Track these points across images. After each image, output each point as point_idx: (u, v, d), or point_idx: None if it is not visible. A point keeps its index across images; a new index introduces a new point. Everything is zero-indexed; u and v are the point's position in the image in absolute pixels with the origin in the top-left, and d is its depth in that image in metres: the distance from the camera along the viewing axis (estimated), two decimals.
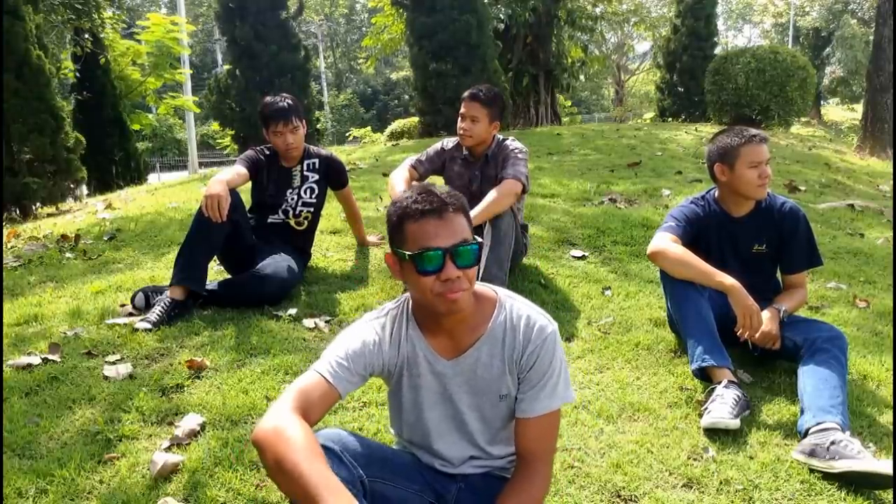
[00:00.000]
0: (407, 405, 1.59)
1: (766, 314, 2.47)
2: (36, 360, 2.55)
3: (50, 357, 2.57)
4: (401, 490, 1.51)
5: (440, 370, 1.54)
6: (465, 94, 3.30)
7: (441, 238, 1.41)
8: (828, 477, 1.98)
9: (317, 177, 3.48)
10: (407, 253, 1.42)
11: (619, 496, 1.91)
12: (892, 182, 7.31)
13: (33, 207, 7.55)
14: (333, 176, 3.55)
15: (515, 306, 1.54)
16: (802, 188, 6.10)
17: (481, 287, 1.57)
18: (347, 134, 22.62)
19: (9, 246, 4.40)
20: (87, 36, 10.90)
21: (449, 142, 3.46)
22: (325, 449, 1.33)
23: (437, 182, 3.60)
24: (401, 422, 1.64)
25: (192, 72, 18.15)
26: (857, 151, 10.86)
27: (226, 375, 2.46)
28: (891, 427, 2.29)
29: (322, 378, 1.43)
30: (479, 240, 1.46)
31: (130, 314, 3.00)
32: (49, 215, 7.06)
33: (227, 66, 12.55)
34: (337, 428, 1.54)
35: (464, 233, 1.43)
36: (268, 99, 3.38)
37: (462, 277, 1.41)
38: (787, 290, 2.69)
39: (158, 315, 2.86)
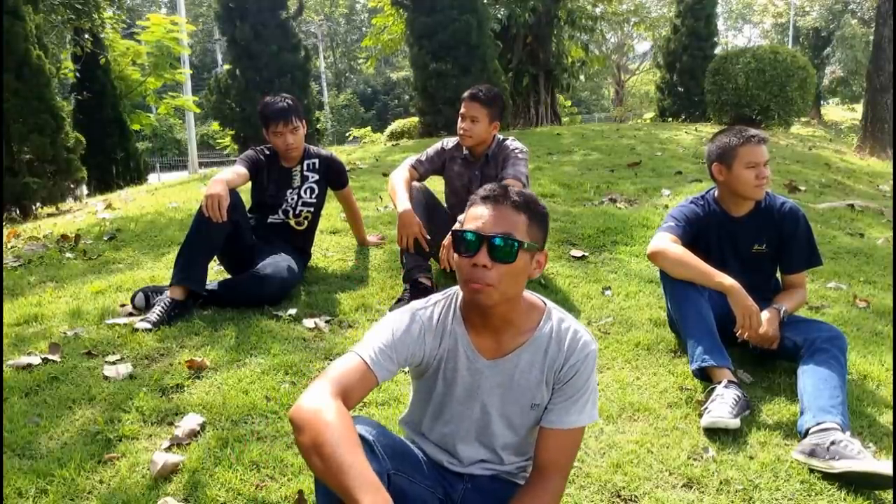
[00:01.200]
0: (437, 397, 1.58)
1: (765, 314, 2.47)
2: (36, 360, 2.55)
3: (50, 357, 2.57)
4: (416, 485, 1.50)
5: (478, 368, 1.54)
6: (465, 94, 3.30)
7: (485, 224, 1.41)
8: (828, 477, 1.98)
9: (317, 177, 3.48)
10: (454, 228, 1.45)
11: (619, 496, 1.91)
12: (892, 182, 7.30)
13: (33, 207, 7.55)
14: (333, 176, 3.55)
15: (563, 319, 1.56)
16: (802, 188, 6.10)
17: (531, 296, 1.58)
18: (347, 134, 22.62)
19: (9, 246, 4.40)
20: (87, 36, 10.90)
21: (449, 142, 3.46)
22: (361, 438, 1.32)
23: (438, 182, 3.61)
24: (423, 413, 1.63)
25: (192, 72, 18.14)
26: (857, 151, 10.85)
27: (226, 375, 2.46)
28: (891, 427, 2.29)
29: (363, 362, 1.42)
30: (527, 243, 1.43)
31: (130, 314, 3.00)
32: (49, 215, 7.06)
33: (227, 66, 12.54)
34: (367, 418, 1.53)
35: (512, 227, 1.41)
36: (267, 99, 3.38)
37: (492, 270, 1.40)
38: (787, 290, 2.69)
39: (158, 315, 2.86)
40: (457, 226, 1.48)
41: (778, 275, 2.75)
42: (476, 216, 1.43)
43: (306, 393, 1.34)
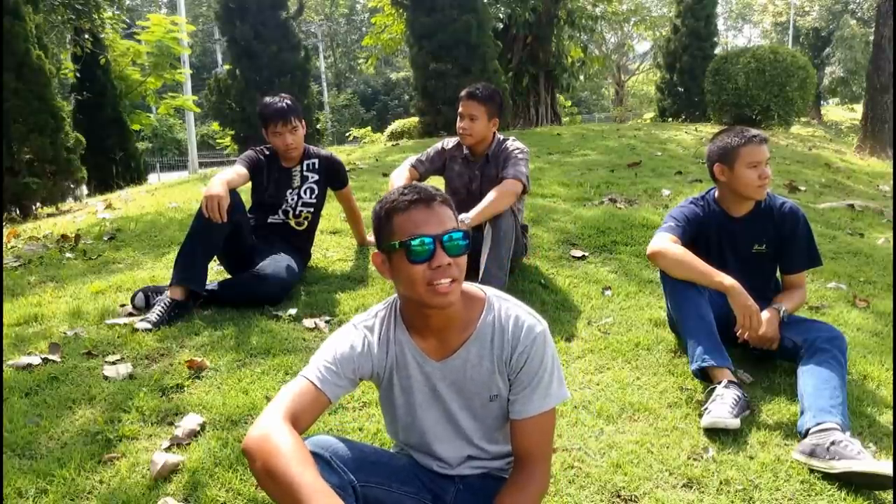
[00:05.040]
0: (400, 408, 1.59)
1: (765, 315, 2.47)
2: (36, 360, 2.56)
3: (50, 357, 2.57)
4: (395, 493, 1.51)
5: (429, 371, 1.54)
6: (462, 92, 3.30)
7: (430, 226, 1.41)
8: (828, 477, 1.98)
9: (317, 177, 3.48)
10: (397, 242, 1.41)
11: (619, 496, 1.91)
12: (892, 182, 7.30)
13: (33, 207, 7.56)
14: (333, 176, 3.55)
15: (504, 306, 1.53)
16: (802, 188, 6.10)
17: (470, 287, 1.56)
18: (347, 134, 22.59)
19: (9, 246, 4.40)
20: (87, 36, 10.90)
21: (449, 142, 3.46)
22: (315, 455, 1.33)
23: (438, 182, 3.60)
24: (396, 425, 1.63)
25: (192, 72, 18.13)
26: (857, 151, 10.85)
27: (226, 375, 2.46)
28: (891, 427, 2.29)
29: (310, 384, 1.43)
30: (465, 226, 1.45)
31: (130, 314, 3.01)
32: (49, 215, 7.06)
33: (227, 66, 12.56)
34: (326, 434, 1.54)
35: (451, 222, 1.43)
36: (267, 99, 3.38)
37: (453, 265, 1.41)
38: (787, 291, 2.69)
39: (158, 315, 2.86)
40: (405, 237, 1.45)
41: (778, 275, 2.75)
42: (416, 222, 1.41)
43: (256, 422, 1.35)
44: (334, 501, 1.19)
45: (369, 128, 21.78)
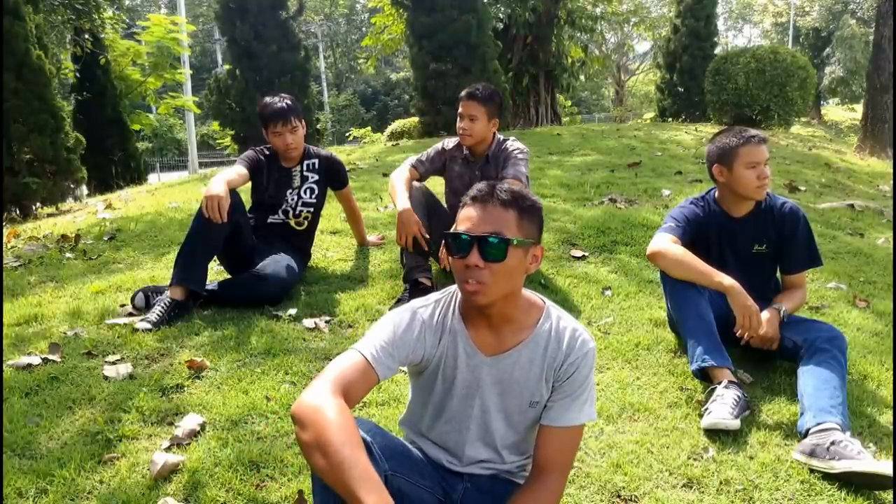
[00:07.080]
0: (436, 396, 1.59)
1: (765, 315, 2.47)
2: (36, 360, 2.56)
3: (50, 357, 2.57)
4: (415, 486, 1.51)
5: (476, 365, 1.54)
6: (462, 93, 3.30)
7: (474, 224, 1.43)
8: (828, 477, 1.98)
9: (317, 177, 3.48)
10: (447, 231, 1.47)
11: (619, 496, 1.91)
12: (892, 182, 7.30)
13: (33, 207, 7.56)
14: (333, 176, 3.55)
15: (562, 317, 1.57)
16: (802, 188, 6.10)
17: (531, 294, 1.59)
18: (347, 134, 22.58)
19: (9, 246, 4.40)
20: (87, 36, 10.91)
21: (449, 142, 3.46)
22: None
23: (438, 182, 3.60)
24: (423, 412, 1.63)
25: (192, 72, 18.12)
26: (857, 151, 10.85)
27: (226, 375, 2.46)
28: (891, 427, 2.29)
29: (364, 359, 1.42)
30: (517, 240, 1.43)
31: (130, 314, 3.01)
32: (49, 215, 7.06)
33: (227, 66, 12.56)
34: (365, 419, 1.54)
35: (500, 225, 1.42)
36: (267, 99, 3.38)
37: (485, 270, 1.41)
38: (787, 291, 2.69)
39: (158, 315, 2.86)
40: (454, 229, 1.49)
41: (778, 275, 2.75)
42: (466, 217, 1.45)
43: (308, 389, 1.34)
44: (381, 489, 1.19)
45: (369, 128, 21.77)
